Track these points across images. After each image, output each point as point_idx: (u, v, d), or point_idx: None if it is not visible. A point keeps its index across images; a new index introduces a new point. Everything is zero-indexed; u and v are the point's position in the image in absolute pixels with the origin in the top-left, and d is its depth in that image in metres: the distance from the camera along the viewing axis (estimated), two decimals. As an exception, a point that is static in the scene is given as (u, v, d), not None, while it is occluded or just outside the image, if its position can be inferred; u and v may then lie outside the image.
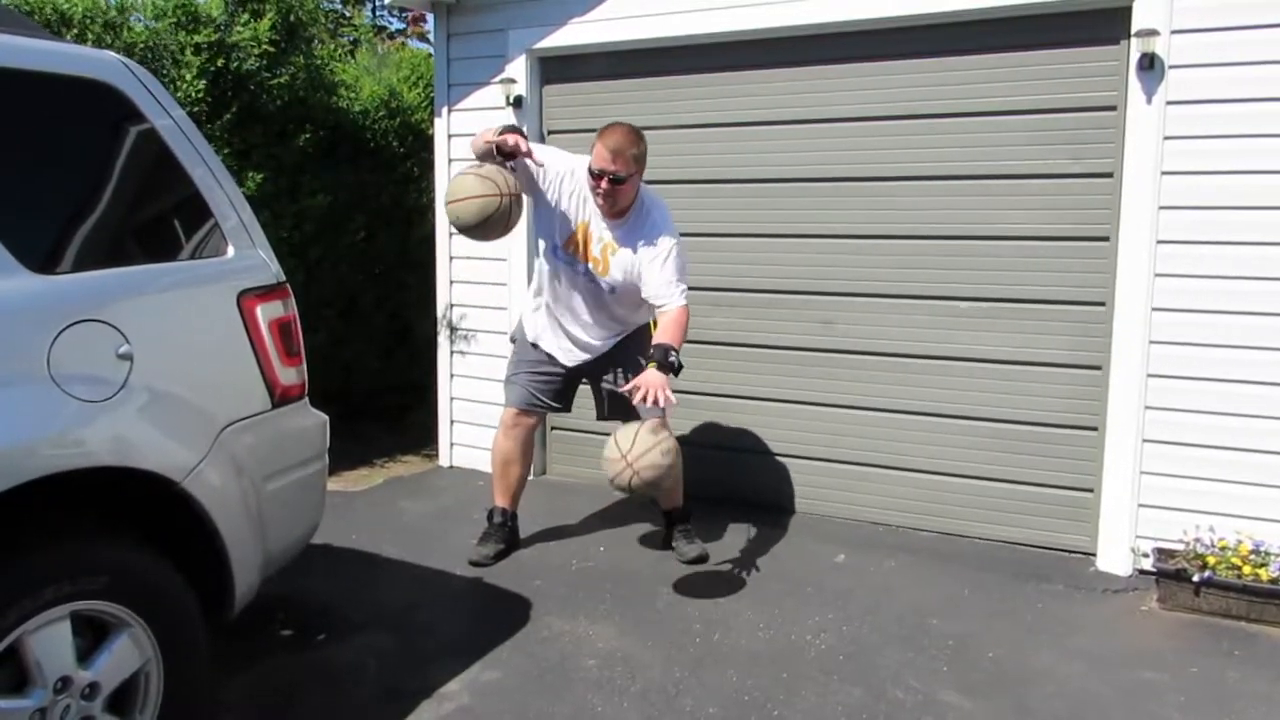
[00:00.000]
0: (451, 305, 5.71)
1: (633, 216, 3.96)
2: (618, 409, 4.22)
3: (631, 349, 4.15)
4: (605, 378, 4.21)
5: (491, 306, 5.56)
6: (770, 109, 4.86)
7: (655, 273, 3.86)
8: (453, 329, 5.72)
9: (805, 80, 4.77)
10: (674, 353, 3.69)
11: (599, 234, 3.98)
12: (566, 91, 5.35)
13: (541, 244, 4.15)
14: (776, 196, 4.89)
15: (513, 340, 4.37)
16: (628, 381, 3.79)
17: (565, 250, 4.03)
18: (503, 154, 3.82)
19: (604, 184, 3.82)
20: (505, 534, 4.41)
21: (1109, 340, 4.22)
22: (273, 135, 5.60)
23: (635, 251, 3.92)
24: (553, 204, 4.00)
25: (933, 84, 4.49)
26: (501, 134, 3.85)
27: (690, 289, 3.95)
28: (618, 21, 5.01)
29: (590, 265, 4.01)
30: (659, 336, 3.78)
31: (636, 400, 3.63)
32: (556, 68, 5.36)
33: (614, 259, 3.96)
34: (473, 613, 3.88)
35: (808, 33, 4.67)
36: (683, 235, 4.04)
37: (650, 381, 3.60)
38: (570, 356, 4.21)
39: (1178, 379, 4.07)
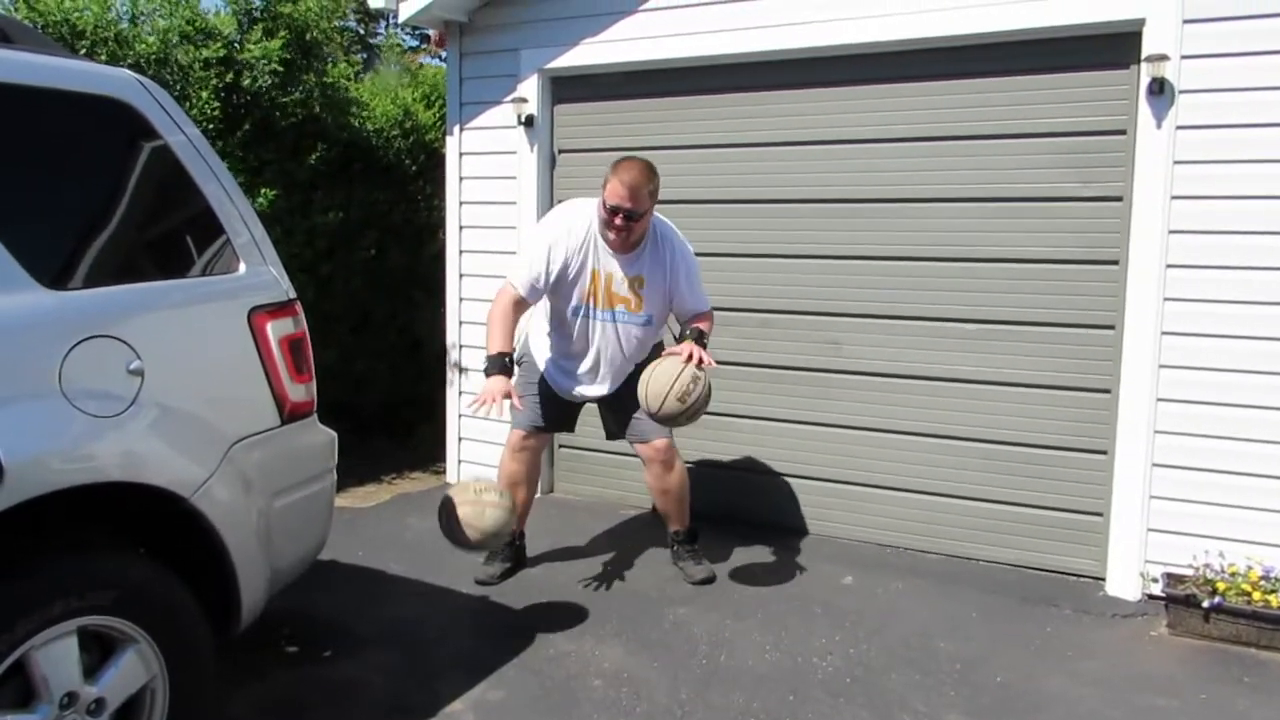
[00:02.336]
0: (462, 322, 5.72)
1: (649, 245, 3.97)
2: (624, 428, 4.25)
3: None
4: (636, 414, 4.12)
5: (501, 324, 5.56)
6: (779, 130, 4.87)
7: (690, 291, 4.03)
8: (462, 346, 5.73)
9: (814, 102, 4.79)
10: (705, 335, 3.97)
11: (619, 273, 3.96)
12: (578, 111, 5.38)
13: (560, 309, 4.08)
14: (784, 217, 4.90)
15: (518, 362, 4.33)
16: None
17: (587, 305, 4.01)
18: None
19: (619, 220, 3.82)
20: (512, 553, 4.39)
21: (1118, 364, 4.21)
22: (286, 152, 5.64)
23: (669, 275, 3.97)
24: (566, 278, 3.97)
25: (942, 106, 4.50)
26: (487, 384, 3.79)
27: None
28: (630, 42, 5.04)
29: (622, 308, 3.99)
30: (691, 324, 4.03)
31: (683, 357, 3.81)
32: (568, 87, 5.38)
33: (645, 291, 3.97)
34: (479, 631, 3.87)
35: (816, 55, 4.68)
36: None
37: (692, 346, 3.86)
38: (590, 394, 4.21)
39: (1187, 403, 4.05)
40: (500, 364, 3.82)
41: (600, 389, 4.18)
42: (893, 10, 4.43)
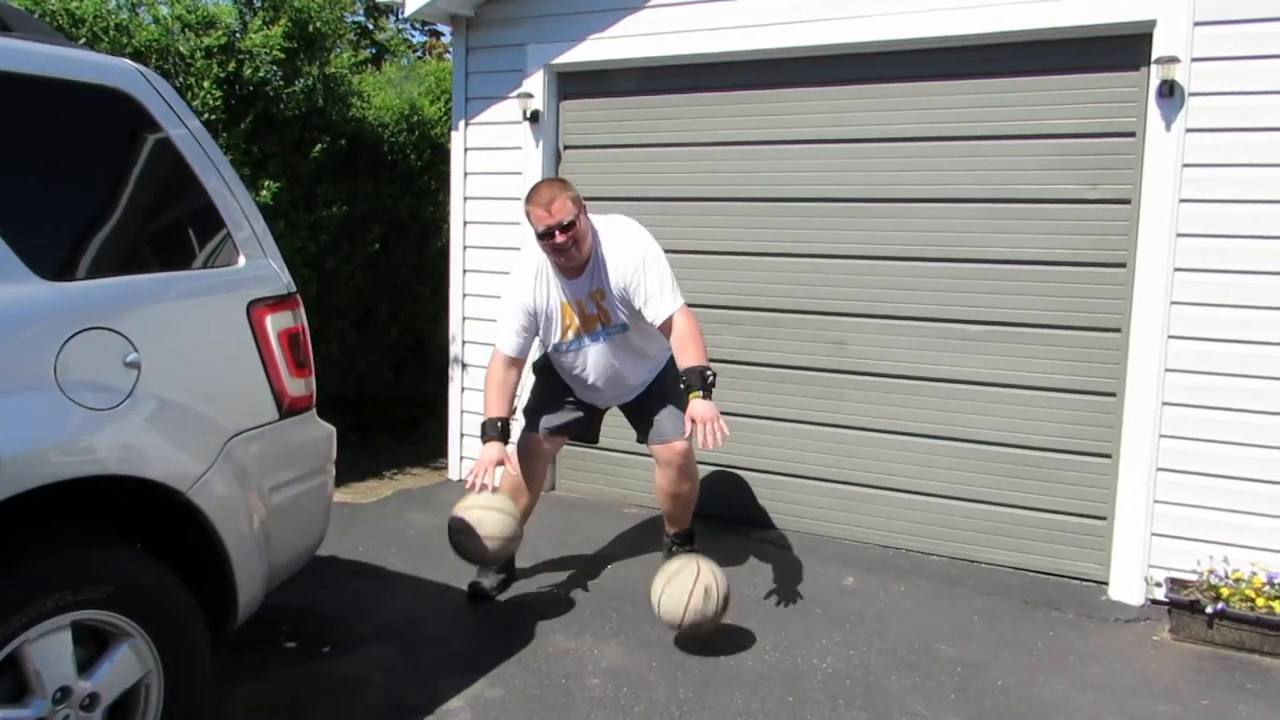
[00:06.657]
0: (465, 318, 5.71)
1: (594, 253, 3.82)
2: (645, 430, 4.12)
3: (667, 378, 4.04)
4: (655, 415, 4.02)
5: (504, 320, 5.54)
6: (785, 128, 4.85)
7: (641, 282, 3.72)
8: (465, 342, 5.72)
9: (820, 100, 4.76)
10: (708, 372, 3.60)
11: (585, 296, 3.86)
12: (584, 107, 5.36)
13: (546, 349, 4.03)
14: (792, 216, 4.88)
15: (535, 371, 4.22)
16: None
17: (566, 339, 3.91)
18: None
19: (558, 238, 3.66)
20: (504, 563, 4.23)
21: (1124, 367, 4.19)
22: (289, 145, 5.62)
23: (618, 274, 3.78)
24: (543, 321, 3.89)
25: (951, 106, 4.48)
26: (482, 451, 3.78)
27: (704, 307, 3.87)
28: (637, 38, 5.02)
29: (598, 328, 3.89)
30: (683, 359, 3.65)
31: (700, 440, 3.50)
32: (574, 83, 5.36)
33: (608, 302, 3.84)
34: (478, 628, 3.86)
35: (824, 53, 4.66)
36: (695, 253, 3.97)
37: (704, 415, 3.50)
38: (609, 401, 4.15)
39: (1193, 407, 4.03)
40: (495, 429, 3.75)
41: (616, 399, 4.12)
42: (903, 9, 4.41)
